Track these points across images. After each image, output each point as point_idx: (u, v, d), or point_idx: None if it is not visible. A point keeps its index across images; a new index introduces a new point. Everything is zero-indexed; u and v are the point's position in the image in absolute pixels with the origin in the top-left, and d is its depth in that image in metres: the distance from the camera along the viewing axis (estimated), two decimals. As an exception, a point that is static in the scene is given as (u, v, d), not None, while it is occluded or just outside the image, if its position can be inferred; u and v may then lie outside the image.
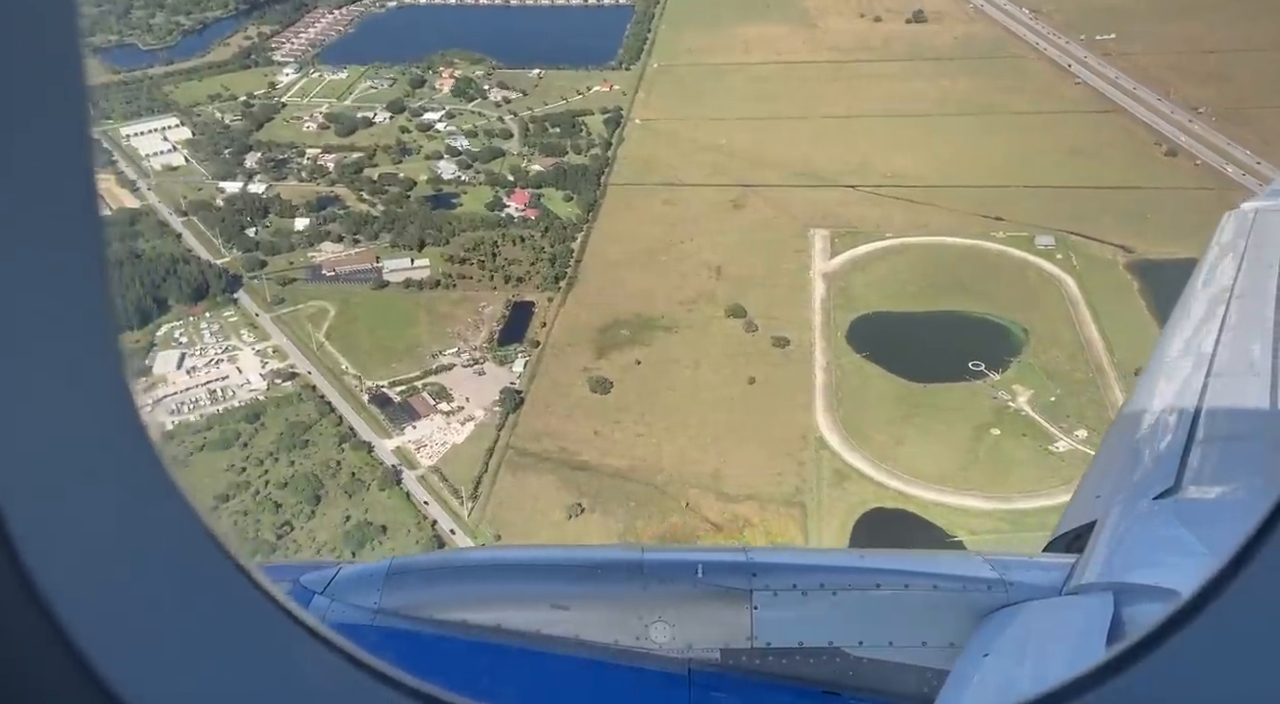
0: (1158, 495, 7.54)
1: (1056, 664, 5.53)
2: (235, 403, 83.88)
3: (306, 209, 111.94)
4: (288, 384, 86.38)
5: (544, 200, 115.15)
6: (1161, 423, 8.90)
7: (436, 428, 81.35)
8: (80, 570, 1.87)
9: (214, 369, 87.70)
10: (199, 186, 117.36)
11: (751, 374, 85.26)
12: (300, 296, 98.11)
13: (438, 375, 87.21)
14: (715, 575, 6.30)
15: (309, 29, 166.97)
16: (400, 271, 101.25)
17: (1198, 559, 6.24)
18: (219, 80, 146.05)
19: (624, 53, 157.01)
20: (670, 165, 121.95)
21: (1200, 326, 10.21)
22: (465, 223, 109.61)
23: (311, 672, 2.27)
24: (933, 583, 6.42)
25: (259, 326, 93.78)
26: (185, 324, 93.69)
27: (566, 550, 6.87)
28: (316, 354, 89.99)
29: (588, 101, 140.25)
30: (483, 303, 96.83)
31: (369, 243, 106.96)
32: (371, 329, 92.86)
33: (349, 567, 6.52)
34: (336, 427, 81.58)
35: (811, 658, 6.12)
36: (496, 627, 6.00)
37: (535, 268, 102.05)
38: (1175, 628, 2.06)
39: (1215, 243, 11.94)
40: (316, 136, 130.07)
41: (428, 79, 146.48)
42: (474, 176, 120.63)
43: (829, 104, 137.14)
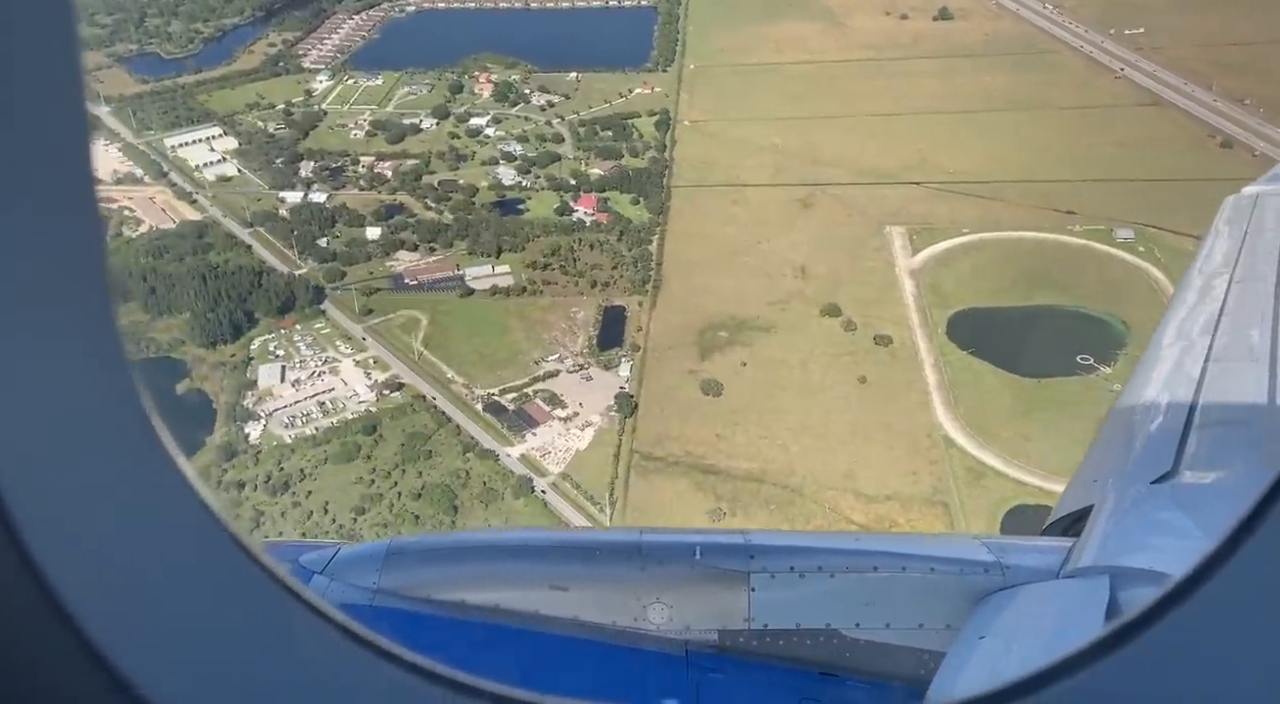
0: (1155, 480, 7.59)
1: (1053, 647, 5.32)
2: (348, 415, 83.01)
3: (375, 218, 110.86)
4: (396, 395, 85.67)
5: (611, 204, 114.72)
6: (1160, 407, 8.95)
7: (556, 434, 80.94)
8: (83, 551, 1.87)
9: (318, 381, 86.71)
10: (258, 197, 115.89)
11: (860, 373, 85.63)
12: (387, 306, 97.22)
13: (545, 381, 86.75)
14: (713, 557, 6.33)
15: (333, 35, 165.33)
16: (483, 278, 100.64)
17: (1194, 543, 6.24)
18: (252, 88, 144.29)
19: (658, 54, 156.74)
20: (729, 166, 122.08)
21: (1200, 311, 10.23)
22: (538, 228, 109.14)
23: (314, 649, 2.31)
24: (930, 566, 6.45)
25: (353, 337, 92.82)
26: (278, 337, 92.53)
27: (565, 533, 7.14)
28: (418, 363, 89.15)
29: (631, 104, 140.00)
30: (573, 308, 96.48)
31: (444, 250, 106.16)
32: (467, 337, 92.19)
33: (348, 547, 6.55)
34: (456, 436, 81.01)
35: (808, 639, 6.17)
36: (495, 607, 6.05)
37: (618, 272, 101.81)
38: (1168, 609, 2.08)
39: (1216, 227, 11.95)
40: (366, 144, 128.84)
41: (465, 84, 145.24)
42: (535, 181, 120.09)
43: (873, 102, 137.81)
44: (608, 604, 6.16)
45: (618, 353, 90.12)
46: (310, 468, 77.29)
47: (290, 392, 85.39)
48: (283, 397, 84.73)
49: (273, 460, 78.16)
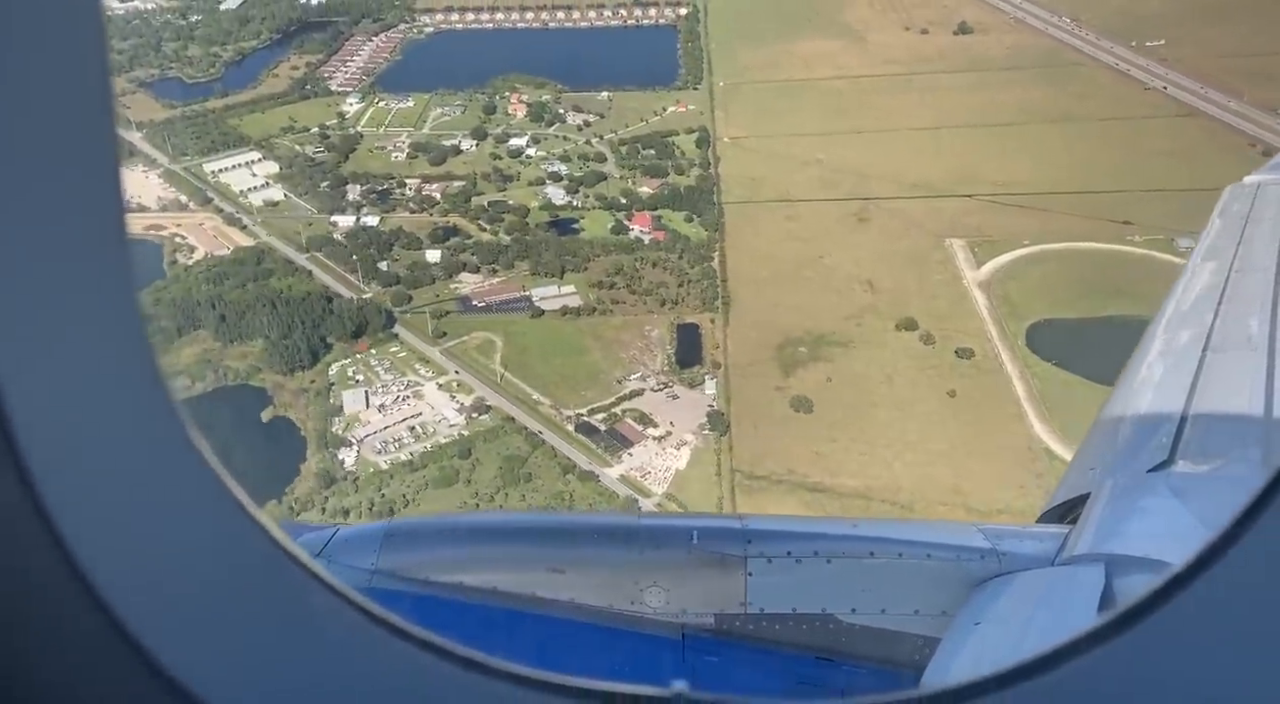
0: (1151, 468, 7.71)
1: (1047, 633, 5.55)
2: (441, 439, 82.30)
3: (431, 240, 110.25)
4: (485, 417, 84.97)
5: (665, 222, 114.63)
6: (1157, 396, 9.08)
7: (653, 454, 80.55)
8: (109, 530, 1.92)
9: (404, 406, 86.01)
10: (308, 222, 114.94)
11: (948, 387, 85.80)
12: (459, 328, 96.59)
13: (631, 401, 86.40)
14: (710, 542, 6.39)
15: (355, 57, 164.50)
16: (551, 299, 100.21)
17: (1189, 531, 6.44)
18: (282, 111, 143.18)
19: (686, 73, 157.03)
20: (777, 182, 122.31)
21: (1199, 300, 10.39)
22: (597, 247, 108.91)
23: (331, 626, 2.37)
24: (926, 552, 6.53)
25: (431, 360, 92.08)
26: (355, 362, 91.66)
27: (563, 516, 7.27)
28: (501, 385, 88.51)
29: (667, 122, 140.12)
30: (646, 326, 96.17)
31: (506, 272, 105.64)
32: (545, 358, 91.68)
33: (346, 528, 6.62)
34: (552, 458, 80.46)
35: (804, 624, 6.23)
36: (492, 590, 6.11)
37: (684, 289, 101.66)
38: (1166, 597, 2.10)
39: (1216, 216, 12.14)
40: (408, 166, 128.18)
41: (498, 104, 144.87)
42: (585, 201, 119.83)
43: (909, 116, 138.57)
44: (605, 587, 6.20)
45: (699, 371, 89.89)
46: (411, 493, 76.49)
47: (378, 417, 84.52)
48: (371, 422, 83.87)
49: (372, 487, 77.33)
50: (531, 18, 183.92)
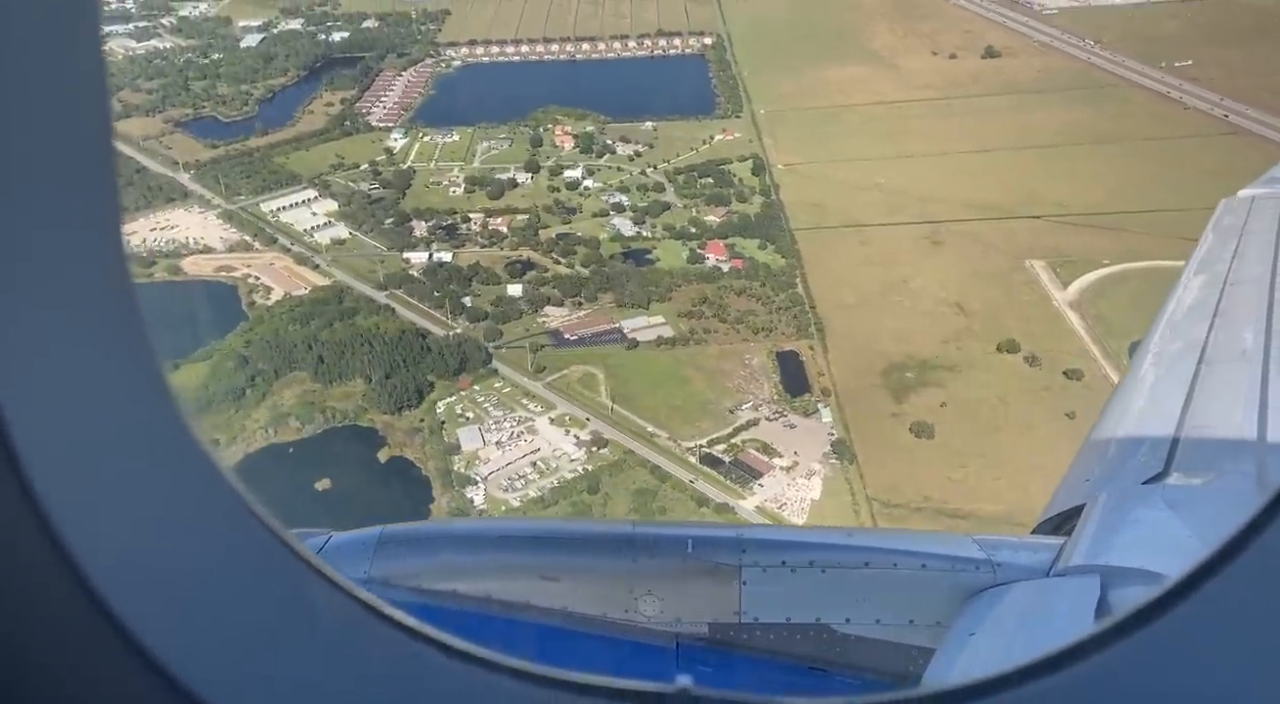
0: (1146, 480, 7.80)
1: (1042, 644, 5.75)
2: (565, 474, 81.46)
3: (509, 274, 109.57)
4: (604, 451, 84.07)
5: (739, 250, 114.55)
6: (1152, 408, 9.16)
7: (784, 484, 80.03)
8: (111, 532, 1.92)
9: (521, 442, 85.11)
10: (380, 259, 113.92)
11: (1065, 408, 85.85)
12: (557, 362, 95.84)
13: (748, 431, 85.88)
14: (705, 551, 6.44)
15: (388, 92, 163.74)
16: (643, 330, 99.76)
17: (1184, 544, 6.52)
18: (327, 148, 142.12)
19: (725, 101, 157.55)
20: (841, 208, 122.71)
21: (1194, 313, 10.45)
22: (678, 277, 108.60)
23: (338, 626, 2.42)
24: (921, 562, 6.53)
25: (535, 395, 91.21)
26: (460, 399, 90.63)
27: (557, 523, 7.52)
28: (612, 418, 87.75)
29: (717, 151, 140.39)
30: (745, 355, 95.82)
31: (590, 304, 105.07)
32: (651, 389, 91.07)
33: (340, 535, 6.63)
34: (682, 491, 79.76)
35: (799, 634, 6.28)
36: (486, 597, 6.15)
37: (774, 317, 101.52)
38: (1163, 609, 2.12)
39: (1211, 229, 12.37)
40: (467, 201, 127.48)
41: (543, 136, 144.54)
42: (653, 231, 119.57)
43: (957, 140, 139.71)
44: (599, 596, 6.21)
45: (810, 399, 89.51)
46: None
47: (497, 454, 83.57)
48: (492, 459, 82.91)
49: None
50: (557, 49, 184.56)
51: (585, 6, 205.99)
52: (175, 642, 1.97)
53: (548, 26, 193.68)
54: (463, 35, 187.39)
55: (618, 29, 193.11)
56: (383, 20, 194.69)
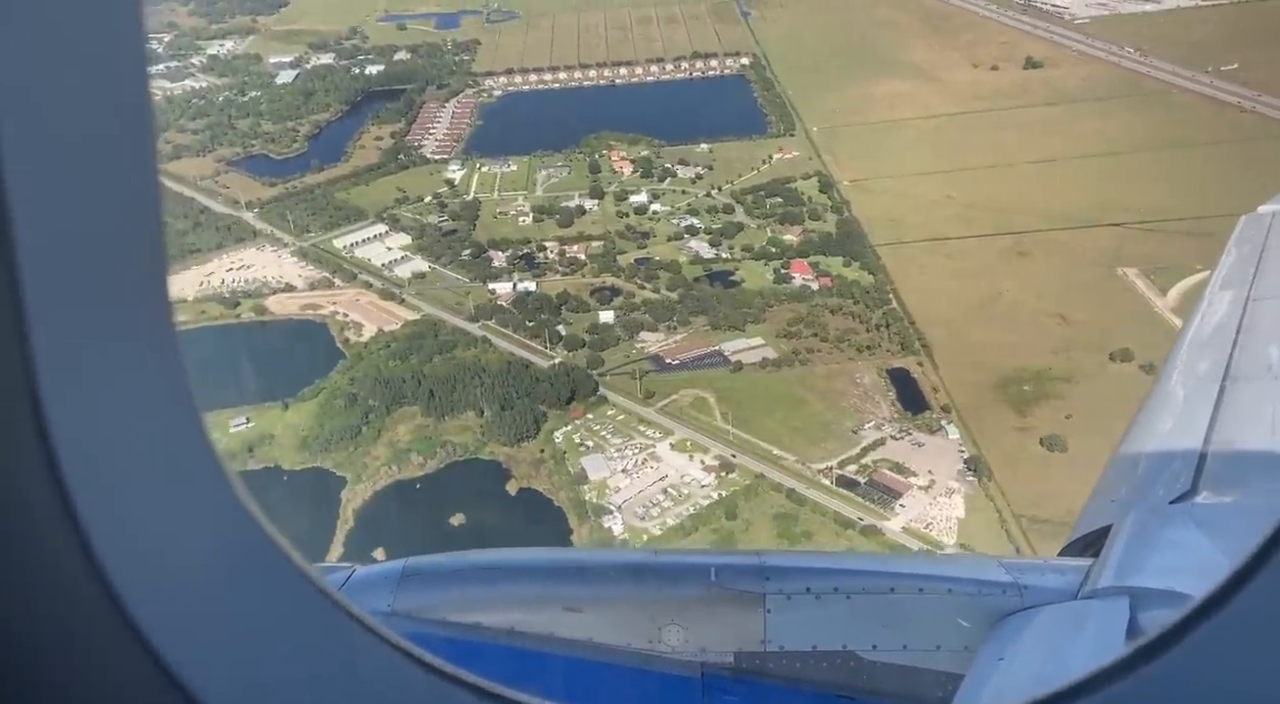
0: (1174, 499, 7.71)
1: (1072, 668, 5.55)
2: (700, 500, 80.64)
3: (597, 301, 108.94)
4: (733, 476, 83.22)
5: (824, 268, 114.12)
6: (1178, 426, 9.06)
7: (925, 504, 79.24)
8: (145, 561, 1.99)
9: (647, 469, 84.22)
10: (465, 291, 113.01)
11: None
12: (664, 387, 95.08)
13: (876, 451, 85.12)
14: (728, 578, 6.39)
15: (435, 123, 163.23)
16: (744, 352, 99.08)
17: (1215, 563, 6.31)
18: (385, 182, 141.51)
19: (775, 120, 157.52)
20: (917, 222, 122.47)
21: (1217, 330, 10.34)
22: (768, 298, 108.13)
23: (361, 661, 2.42)
24: (947, 587, 6.48)
25: (650, 421, 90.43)
26: (576, 428, 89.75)
27: (579, 553, 7.48)
28: (734, 443, 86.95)
29: (778, 170, 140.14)
30: (854, 374, 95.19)
31: (684, 328, 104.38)
32: (766, 412, 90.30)
33: (363, 568, 6.62)
34: (823, 514, 78.90)
35: (825, 661, 6.21)
36: (509, 629, 6.11)
37: (875, 335, 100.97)
38: (1189, 629, 2.09)
39: (1232, 245, 12.25)
40: (538, 229, 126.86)
41: (600, 162, 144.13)
42: (732, 252, 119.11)
43: (1018, 150, 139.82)
44: (622, 626, 6.17)
45: (931, 416, 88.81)
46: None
47: (626, 481, 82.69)
48: (621, 488, 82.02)
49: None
50: (595, 75, 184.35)
51: (614, 32, 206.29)
52: (201, 670, 2.02)
53: (581, 53, 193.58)
54: (498, 64, 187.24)
55: (651, 52, 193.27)
56: (414, 52, 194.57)
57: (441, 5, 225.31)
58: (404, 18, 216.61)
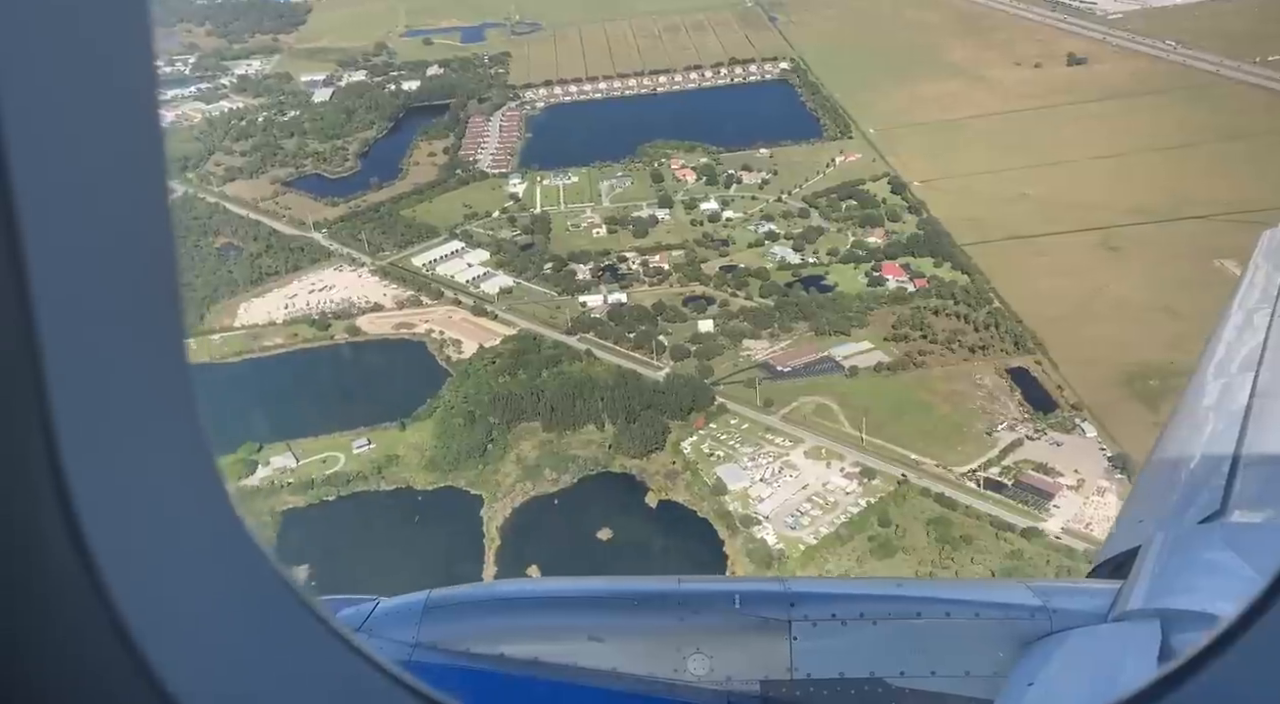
0: (1203, 519, 7.65)
1: (1102, 693, 5.51)
2: (849, 508, 79.76)
3: (693, 310, 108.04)
4: (875, 482, 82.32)
5: (914, 269, 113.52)
6: (1206, 445, 8.94)
7: (1079, 504, 78.54)
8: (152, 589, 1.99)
9: (784, 477, 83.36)
10: (557, 305, 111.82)
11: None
12: (781, 395, 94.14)
13: (1015, 452, 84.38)
14: (753, 606, 6.37)
15: (486, 138, 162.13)
16: (855, 357, 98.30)
17: (1246, 584, 6.12)
18: (448, 198, 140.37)
19: (830, 123, 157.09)
20: (998, 221, 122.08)
21: (1242, 346, 10.25)
22: (866, 301, 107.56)
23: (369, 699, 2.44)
24: (974, 611, 6.45)
25: (775, 429, 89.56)
26: (702, 438, 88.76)
27: (603, 582, 7.03)
28: (867, 448, 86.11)
29: (844, 173, 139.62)
30: (973, 375, 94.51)
31: (786, 334, 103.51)
32: (894, 417, 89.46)
33: (387, 601, 6.60)
34: (976, 518, 78.02)
35: (853, 689, 6.14)
36: (534, 660, 6.09)
37: (983, 334, 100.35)
38: (1217, 652, 2.09)
39: (1255, 261, 12.36)
40: (614, 240, 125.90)
41: (662, 171, 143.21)
42: (818, 257, 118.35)
43: (1081, 146, 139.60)
44: (647, 655, 6.15)
45: (1063, 415, 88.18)
46: (857, 568, 73.59)
47: (767, 491, 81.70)
48: (764, 497, 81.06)
49: (816, 565, 74.31)
50: (634, 84, 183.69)
51: (644, 40, 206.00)
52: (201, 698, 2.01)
53: (616, 62, 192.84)
54: (534, 76, 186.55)
55: (686, 60, 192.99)
56: (446, 67, 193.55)
57: (462, 18, 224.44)
58: (426, 32, 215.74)
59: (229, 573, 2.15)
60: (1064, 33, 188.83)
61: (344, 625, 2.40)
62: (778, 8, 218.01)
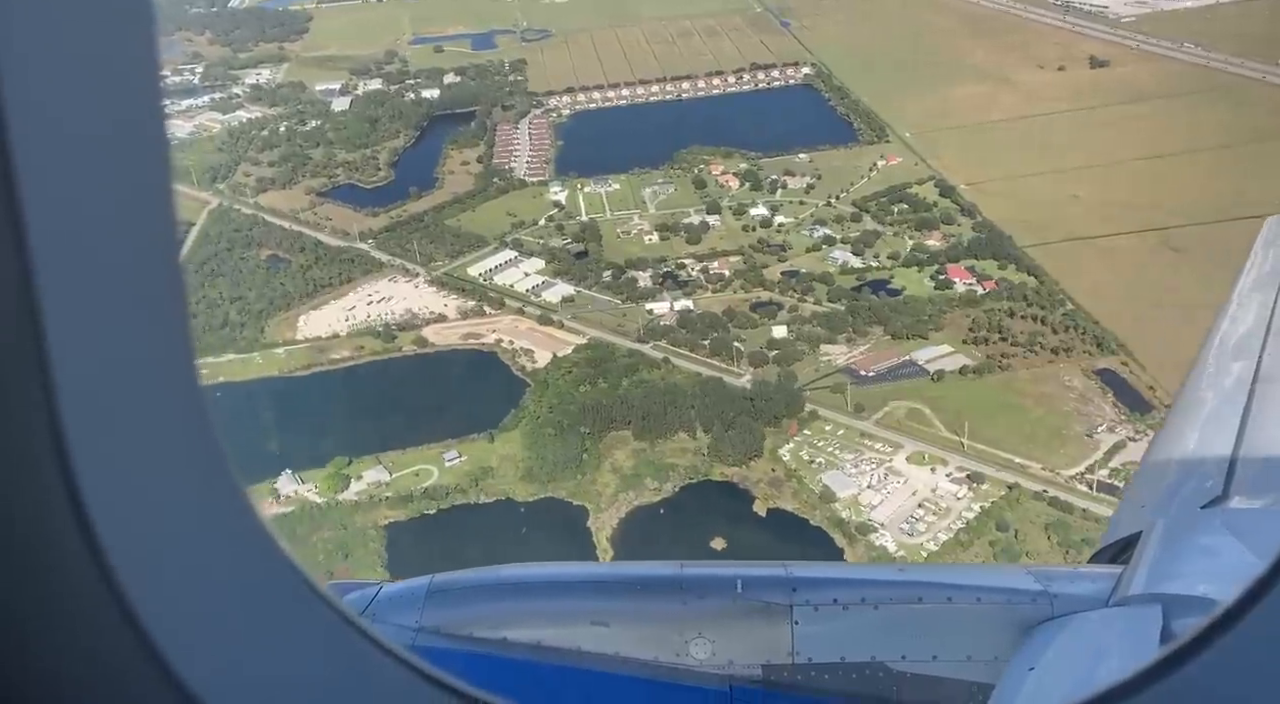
0: (1205, 504, 7.69)
1: (1104, 677, 5.33)
2: (964, 513, 79.36)
3: (763, 316, 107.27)
4: (985, 487, 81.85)
5: (980, 272, 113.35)
6: (1207, 431, 9.02)
7: (1195, 502, 78.12)
8: (163, 580, 2.03)
9: (891, 484, 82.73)
10: (623, 312, 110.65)
11: None
12: (869, 399, 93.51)
13: (1120, 454, 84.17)
14: (755, 590, 6.41)
15: (517, 145, 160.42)
16: (936, 360, 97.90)
17: (1246, 569, 6.66)
18: (492, 207, 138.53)
19: (865, 127, 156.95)
20: (1054, 222, 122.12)
21: (1246, 333, 10.32)
22: (938, 304, 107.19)
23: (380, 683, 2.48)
24: (976, 596, 6.49)
25: (871, 434, 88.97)
26: (799, 445, 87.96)
27: (605, 567, 7.78)
28: (969, 452, 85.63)
29: (888, 177, 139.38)
30: (1061, 377, 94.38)
31: (861, 339, 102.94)
32: (989, 420, 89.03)
33: (390, 586, 6.65)
34: (1095, 521, 77.44)
35: (854, 673, 6.19)
36: (536, 645, 6.15)
37: (1063, 336, 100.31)
38: (1218, 634, 2.12)
39: (1258, 248, 12.32)
40: (667, 247, 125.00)
41: (704, 178, 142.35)
42: (878, 260, 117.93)
43: (1122, 148, 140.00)
44: (650, 639, 6.19)
45: (1160, 415, 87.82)
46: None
47: (876, 498, 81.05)
48: (875, 504, 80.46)
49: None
50: (658, 90, 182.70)
51: (658, 46, 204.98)
52: (215, 685, 2.05)
53: (633, 68, 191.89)
54: (554, 83, 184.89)
55: (703, 65, 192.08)
56: (463, 74, 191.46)
57: (467, 25, 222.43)
58: (434, 39, 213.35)
59: (235, 558, 2.17)
60: (1079, 36, 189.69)
61: (350, 610, 2.43)
62: (787, 12, 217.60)
